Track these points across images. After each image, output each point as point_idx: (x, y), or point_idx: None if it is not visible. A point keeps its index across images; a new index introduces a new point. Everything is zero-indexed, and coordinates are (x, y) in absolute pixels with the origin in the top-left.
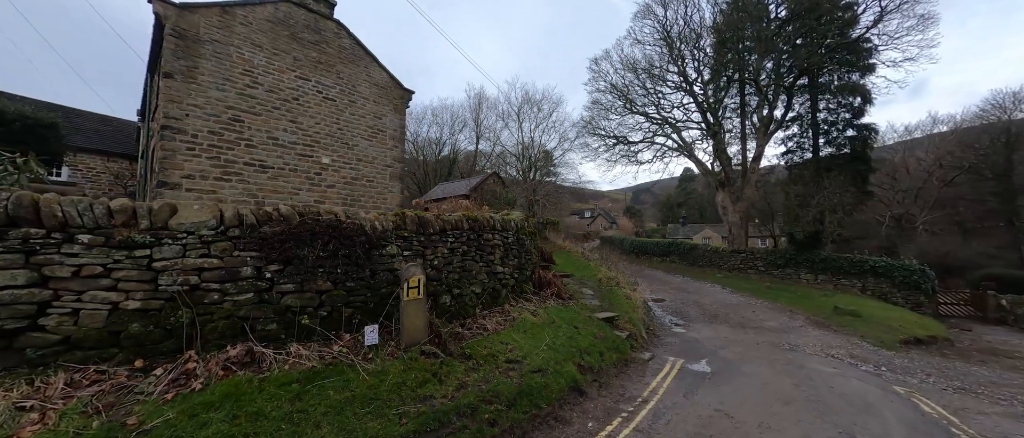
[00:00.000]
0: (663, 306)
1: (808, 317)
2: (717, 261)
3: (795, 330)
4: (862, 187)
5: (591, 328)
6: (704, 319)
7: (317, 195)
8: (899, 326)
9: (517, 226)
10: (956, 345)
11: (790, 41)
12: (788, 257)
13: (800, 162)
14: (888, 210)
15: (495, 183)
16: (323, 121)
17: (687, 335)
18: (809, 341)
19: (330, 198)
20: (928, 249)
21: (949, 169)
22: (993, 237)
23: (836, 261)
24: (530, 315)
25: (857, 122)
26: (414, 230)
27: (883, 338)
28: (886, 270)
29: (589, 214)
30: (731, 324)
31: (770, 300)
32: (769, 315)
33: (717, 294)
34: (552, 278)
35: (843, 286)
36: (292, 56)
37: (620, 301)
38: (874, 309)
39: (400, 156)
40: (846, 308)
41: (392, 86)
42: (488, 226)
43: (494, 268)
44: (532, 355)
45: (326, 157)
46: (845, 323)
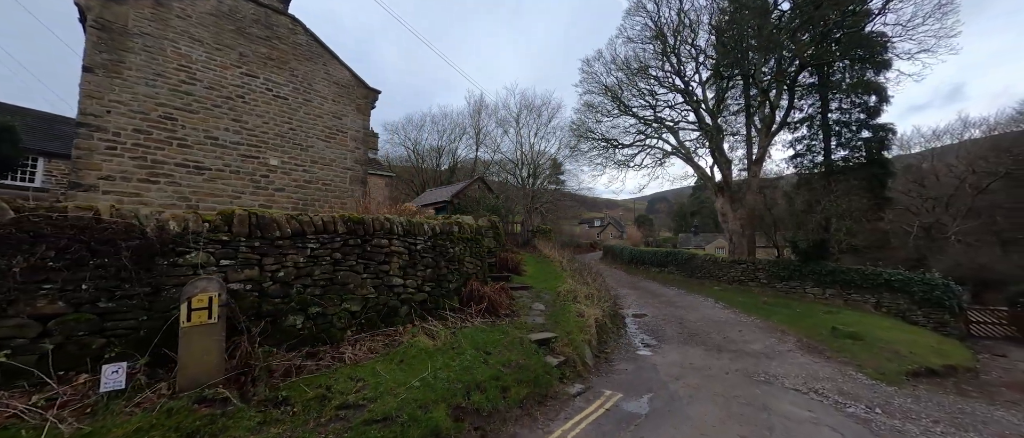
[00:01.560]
0: (642, 322)
1: (800, 339)
2: (716, 272)
3: (780, 355)
4: (879, 193)
5: (510, 354)
6: (679, 339)
7: (263, 199)
8: (909, 352)
9: (435, 231)
10: (981, 377)
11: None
12: (792, 269)
13: (810, 166)
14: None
15: (479, 189)
16: (272, 120)
17: (649, 360)
18: (792, 371)
19: (279, 202)
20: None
21: (983, 175)
22: None
23: (846, 273)
24: (427, 339)
25: (873, 122)
26: (244, 233)
27: (885, 368)
28: (903, 284)
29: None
30: (707, 346)
31: (763, 317)
32: (756, 336)
33: (706, 309)
34: (490, 292)
35: (854, 302)
36: (238, 52)
37: (569, 319)
38: (883, 330)
39: (363, 159)
40: (845, 330)
41: (354, 85)
42: (380, 229)
43: (389, 280)
44: (387, 396)
45: (275, 159)
46: (842, 348)
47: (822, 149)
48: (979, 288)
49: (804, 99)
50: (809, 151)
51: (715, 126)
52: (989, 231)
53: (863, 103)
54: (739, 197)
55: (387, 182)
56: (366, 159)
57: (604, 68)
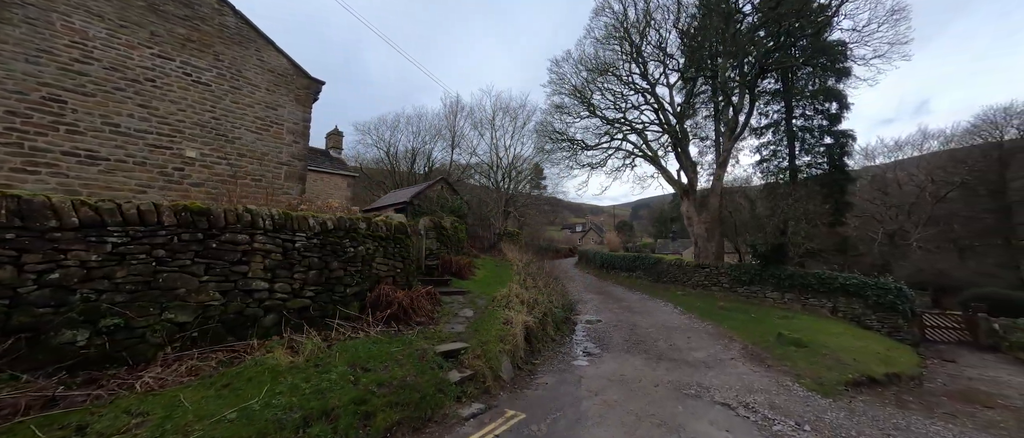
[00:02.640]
0: (593, 328)
1: (746, 347)
2: (680, 277)
3: (720, 364)
4: (841, 198)
5: (398, 371)
6: (623, 347)
7: (177, 194)
8: (853, 359)
9: (326, 227)
10: (925, 386)
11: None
12: (753, 273)
13: (776, 171)
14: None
15: (443, 190)
16: (191, 108)
17: (578, 371)
18: (727, 382)
19: (196, 198)
20: (923, 267)
21: (941, 185)
22: (990, 255)
23: (804, 278)
24: (285, 355)
25: (834, 129)
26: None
27: (825, 378)
28: (858, 288)
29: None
30: (650, 355)
31: (716, 323)
32: (703, 343)
33: (663, 314)
34: (405, 298)
35: (812, 306)
36: (149, 31)
37: (492, 327)
38: (831, 336)
39: (302, 153)
40: (790, 336)
41: (293, 74)
42: (236, 223)
43: (247, 284)
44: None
45: (192, 150)
46: (785, 355)
47: (787, 154)
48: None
49: (770, 105)
50: (775, 156)
51: (681, 129)
52: (947, 238)
53: (825, 110)
54: (704, 201)
55: (349, 182)
56: (305, 154)
57: (572, 68)
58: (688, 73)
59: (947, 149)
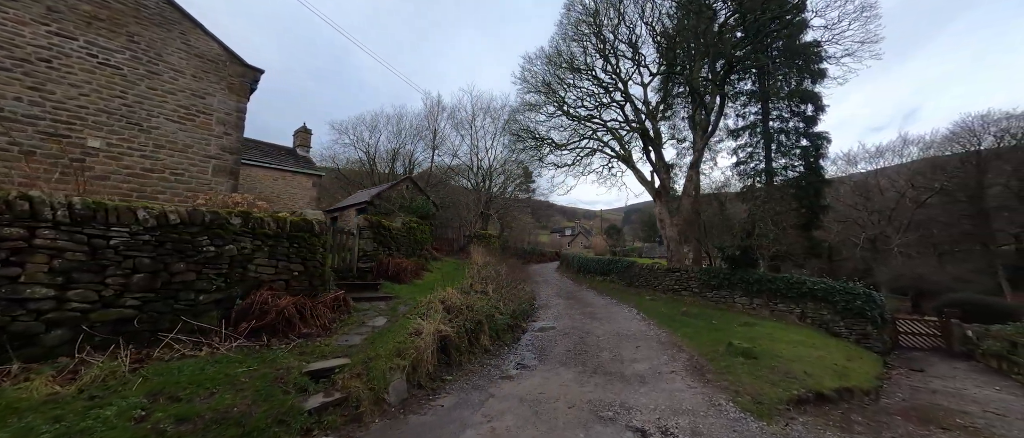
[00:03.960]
0: (541, 336)
1: (692, 358)
2: (652, 281)
3: (657, 379)
4: (816, 201)
5: (224, 400)
6: (562, 359)
7: (73, 188)
8: (804, 372)
9: (167, 221)
10: (881, 401)
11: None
12: (722, 278)
13: (753, 173)
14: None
15: (409, 190)
16: (96, 93)
17: (494, 389)
18: (655, 401)
19: (99, 193)
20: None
21: (921, 190)
22: (969, 261)
23: (772, 282)
24: (49, 385)
25: (810, 131)
26: None
27: (765, 395)
28: (826, 294)
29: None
30: (586, 368)
31: (671, 331)
32: (650, 353)
33: (623, 321)
34: (289, 305)
35: (780, 312)
36: (45, 6)
37: (394, 338)
38: (789, 345)
39: (234, 146)
40: (740, 346)
41: (226, 61)
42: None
43: (18, 292)
44: None
45: (97, 139)
46: (729, 368)
47: (764, 156)
48: (918, 298)
49: (748, 107)
50: (751, 158)
51: (655, 129)
52: (927, 243)
53: (801, 112)
54: (675, 203)
55: (315, 182)
56: (238, 147)
57: (542, 66)
58: (661, 69)
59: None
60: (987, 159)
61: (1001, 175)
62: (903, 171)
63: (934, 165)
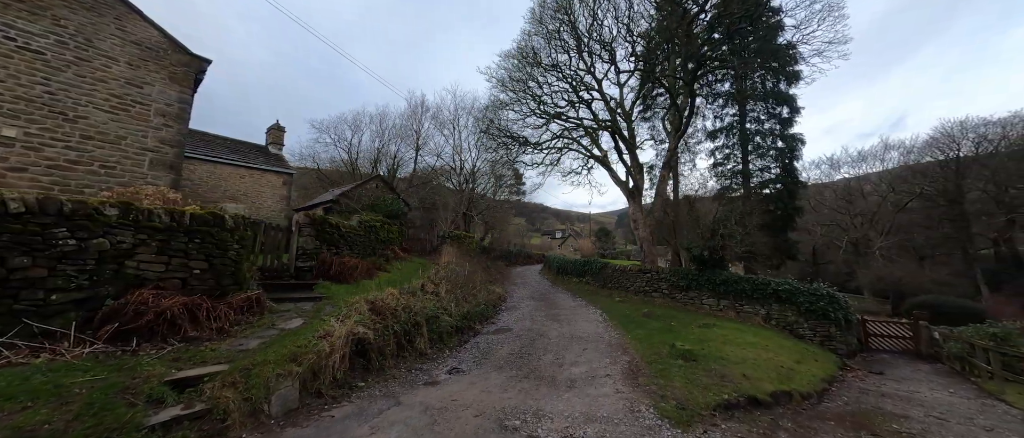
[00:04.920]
0: (491, 339)
1: (633, 361)
2: (624, 282)
3: (589, 384)
4: (790, 202)
5: (38, 415)
6: (500, 363)
7: None
8: (743, 375)
9: (6, 208)
10: (822, 405)
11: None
12: (691, 279)
13: (730, 174)
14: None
15: (379, 188)
16: (13, 79)
17: (406, 397)
18: (573, 408)
19: (16, 185)
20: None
21: (903, 195)
22: (948, 264)
23: (738, 283)
24: None
25: (786, 133)
26: None
27: (693, 400)
28: (790, 295)
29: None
30: (520, 373)
31: (626, 332)
32: (594, 357)
33: (583, 323)
34: (175, 305)
35: (746, 313)
36: None
37: (296, 341)
38: (740, 347)
39: (175, 139)
40: (682, 348)
41: (168, 49)
42: None
43: None
44: None
45: (12, 129)
46: (664, 371)
47: (740, 158)
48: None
49: (726, 109)
50: (728, 160)
51: (630, 130)
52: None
53: (777, 114)
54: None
55: (286, 180)
56: (180, 140)
57: (517, 63)
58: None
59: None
60: (966, 164)
61: (979, 180)
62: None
63: (915, 170)
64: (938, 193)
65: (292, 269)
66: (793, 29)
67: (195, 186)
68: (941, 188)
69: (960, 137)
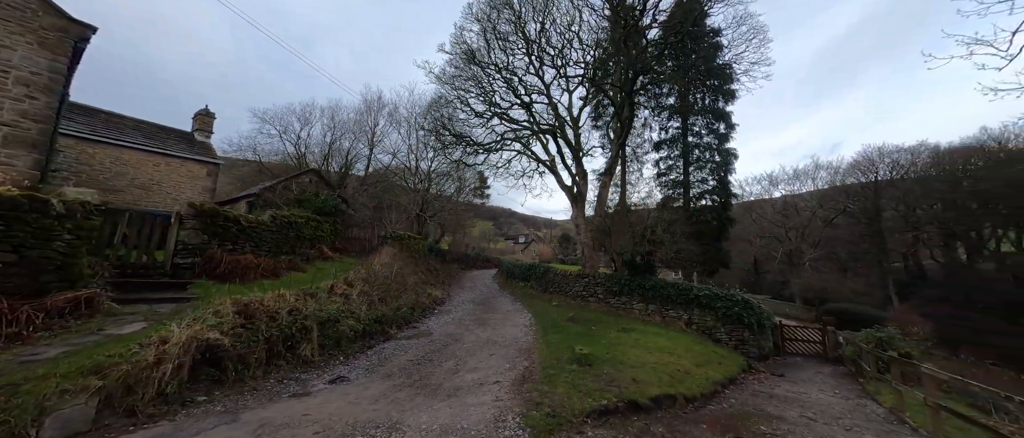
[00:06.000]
0: (402, 343)
1: (531, 366)
2: (564, 287)
3: (472, 391)
4: (723, 213)
5: None
6: (395, 370)
7: None
8: (633, 379)
9: None
10: (706, 408)
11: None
12: (623, 284)
13: (673, 184)
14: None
15: (313, 183)
16: None
17: (247, 413)
18: (434, 420)
19: None
20: (812, 283)
21: (830, 211)
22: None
23: (664, 289)
24: None
25: (722, 147)
26: None
27: (569, 406)
28: (710, 300)
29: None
30: (408, 381)
31: (542, 336)
32: (495, 363)
33: (507, 327)
34: None
35: (671, 318)
36: None
37: (113, 348)
38: (646, 351)
39: (42, 114)
40: (579, 353)
41: (37, 9)
42: None
43: None
44: None
45: None
46: (553, 377)
47: (682, 169)
48: (823, 307)
49: (670, 121)
50: (671, 170)
51: (576, 135)
52: (833, 259)
53: (715, 129)
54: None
55: (211, 171)
56: (48, 115)
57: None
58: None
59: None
60: (883, 187)
61: (893, 201)
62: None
63: (841, 190)
64: (860, 211)
65: (168, 266)
66: (726, 48)
67: (94, 174)
68: (862, 207)
69: (878, 161)
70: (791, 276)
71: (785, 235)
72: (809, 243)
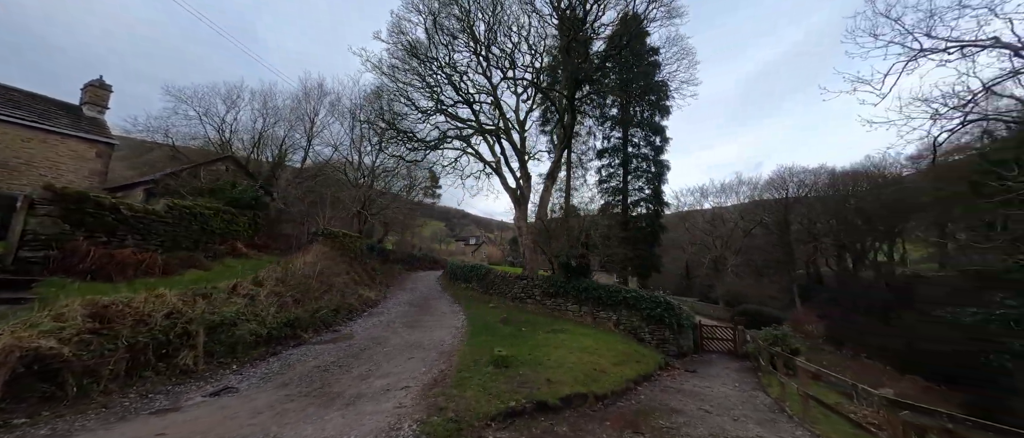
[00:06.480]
0: (314, 349)
1: (446, 370)
2: (504, 288)
3: (376, 398)
4: (655, 220)
5: None
6: (293, 378)
7: None
8: (548, 380)
9: None
10: (615, 405)
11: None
12: (559, 286)
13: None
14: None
15: (231, 172)
16: None
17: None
18: (321, 432)
19: None
20: (733, 287)
21: (750, 222)
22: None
23: (596, 291)
24: None
25: (658, 159)
26: None
27: (474, 410)
28: (635, 302)
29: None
30: (304, 390)
31: (468, 339)
32: (410, 367)
33: (436, 330)
34: None
35: (601, 319)
36: None
37: None
38: (568, 351)
39: None
40: (498, 355)
41: None
42: None
43: None
44: None
45: None
46: (465, 381)
47: (622, 177)
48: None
49: (613, 131)
50: (611, 178)
51: (521, 138)
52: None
53: (652, 142)
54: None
55: (101, 151)
56: None
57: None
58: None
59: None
60: (791, 203)
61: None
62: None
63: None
64: (774, 223)
65: (9, 261)
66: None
67: None
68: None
69: (788, 180)
70: (717, 280)
71: (713, 243)
72: (732, 251)
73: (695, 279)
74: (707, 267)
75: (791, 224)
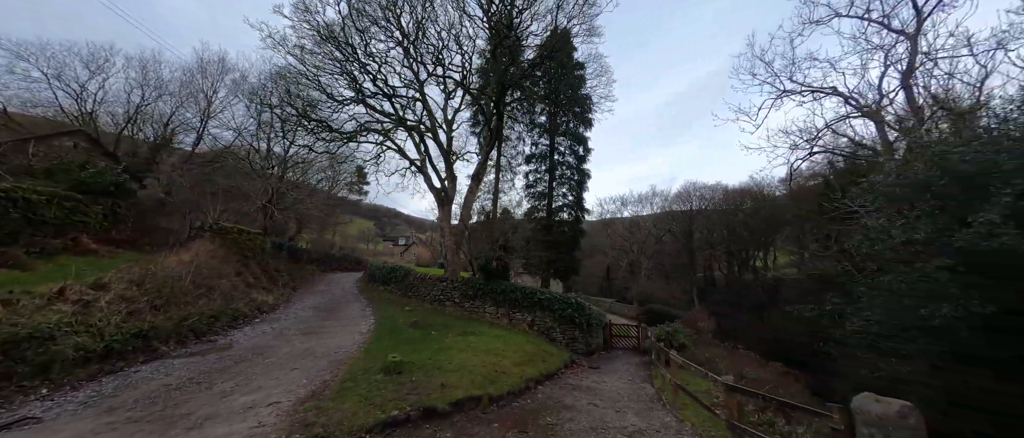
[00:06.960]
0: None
1: (329, 381)
2: (423, 290)
3: (229, 420)
4: (576, 226)
5: None
6: (129, 400)
7: None
8: (442, 385)
9: None
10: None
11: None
12: (478, 288)
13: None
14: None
15: (77, 149)
16: None
17: None
18: None
19: None
20: (646, 289)
21: (660, 231)
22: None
23: (513, 293)
24: None
25: (581, 167)
26: None
27: (351, 422)
28: (549, 303)
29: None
30: (140, 414)
31: (367, 344)
32: (288, 379)
33: (337, 336)
34: None
35: (517, 320)
36: None
37: None
38: (473, 353)
39: None
40: (391, 361)
41: None
42: None
43: None
44: None
45: None
46: (347, 391)
47: (548, 182)
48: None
49: (541, 138)
50: (538, 183)
51: (447, 138)
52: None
53: (576, 151)
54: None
55: None
56: None
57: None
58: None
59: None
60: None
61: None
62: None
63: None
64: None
65: None
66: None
67: None
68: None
69: (693, 194)
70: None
71: (630, 248)
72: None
73: (614, 281)
74: (624, 270)
75: (694, 233)
